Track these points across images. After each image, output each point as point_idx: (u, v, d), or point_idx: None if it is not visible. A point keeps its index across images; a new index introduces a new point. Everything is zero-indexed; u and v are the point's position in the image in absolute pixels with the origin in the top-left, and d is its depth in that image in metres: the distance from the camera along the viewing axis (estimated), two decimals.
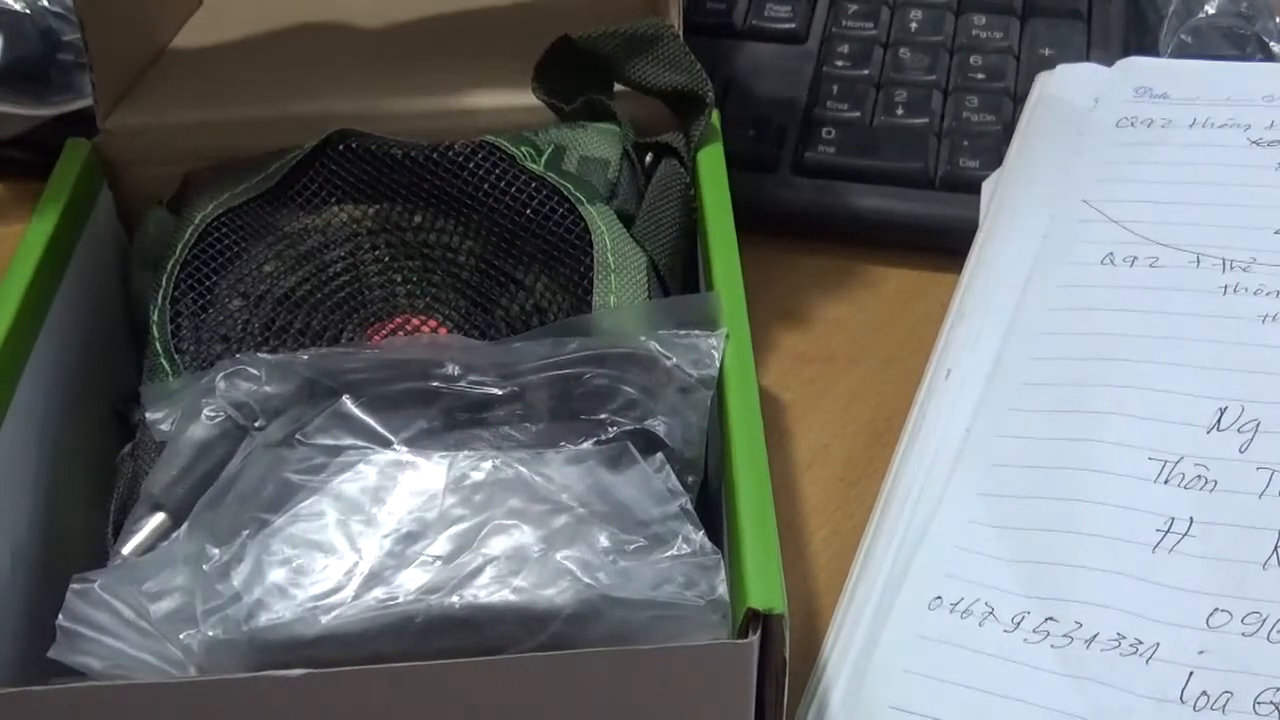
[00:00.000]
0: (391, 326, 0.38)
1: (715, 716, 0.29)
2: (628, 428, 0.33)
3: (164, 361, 0.37)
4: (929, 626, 0.39)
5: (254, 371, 0.33)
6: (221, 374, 0.33)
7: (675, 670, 0.29)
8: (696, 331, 0.35)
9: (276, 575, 0.29)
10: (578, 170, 0.41)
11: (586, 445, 0.32)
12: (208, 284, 0.39)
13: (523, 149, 0.41)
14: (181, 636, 0.29)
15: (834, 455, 0.47)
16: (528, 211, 0.39)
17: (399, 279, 0.39)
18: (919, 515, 0.42)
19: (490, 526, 0.30)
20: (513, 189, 0.40)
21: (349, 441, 0.32)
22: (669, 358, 0.34)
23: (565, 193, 0.40)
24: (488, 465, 0.31)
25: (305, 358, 0.34)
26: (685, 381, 0.34)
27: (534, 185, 0.40)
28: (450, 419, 0.33)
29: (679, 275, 0.41)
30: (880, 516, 0.43)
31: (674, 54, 0.43)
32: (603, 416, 0.33)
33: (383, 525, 0.30)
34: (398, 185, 0.41)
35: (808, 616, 0.42)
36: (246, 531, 0.30)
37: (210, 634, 0.28)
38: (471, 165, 0.40)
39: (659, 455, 0.32)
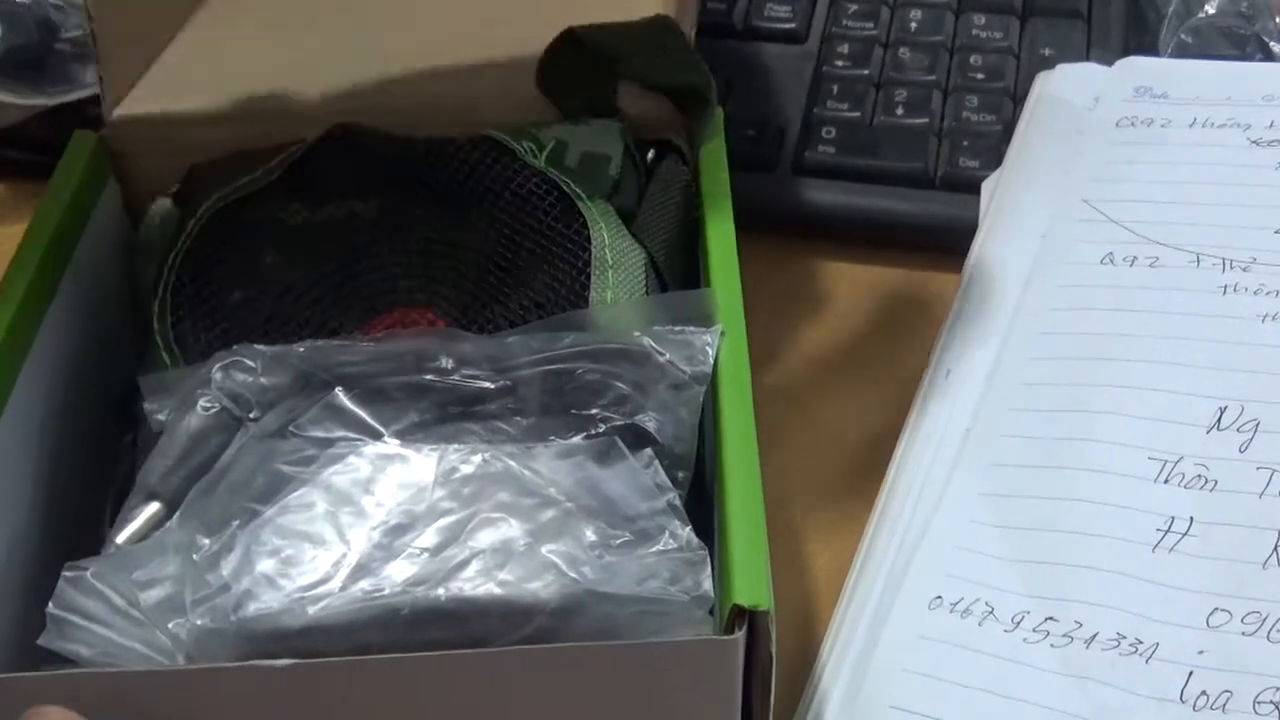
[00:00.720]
0: (390, 320, 0.38)
1: (701, 713, 0.29)
2: (617, 423, 0.33)
3: (163, 354, 0.37)
4: (929, 626, 0.39)
5: (250, 363, 0.34)
6: (218, 365, 0.34)
7: (660, 665, 0.29)
8: (691, 328, 0.35)
9: (265, 566, 0.29)
10: (579, 166, 0.41)
11: (576, 440, 0.32)
12: (209, 276, 0.39)
13: (524, 144, 0.41)
14: (170, 625, 0.29)
15: (834, 455, 0.47)
16: (527, 206, 0.39)
17: (399, 273, 0.39)
18: (919, 515, 0.42)
19: (478, 520, 0.30)
20: (513, 184, 0.40)
21: (340, 434, 0.32)
22: (662, 353, 0.34)
23: (565, 188, 0.40)
24: (477, 459, 0.31)
25: (301, 350, 0.34)
26: (678, 378, 0.34)
27: (534, 180, 0.40)
28: (442, 412, 0.33)
29: (678, 272, 0.41)
30: (880, 516, 0.43)
31: (679, 51, 0.43)
32: (593, 412, 0.33)
33: (371, 517, 0.30)
34: (399, 179, 0.41)
35: (807, 616, 0.42)
36: (236, 522, 0.30)
37: (199, 623, 0.29)
38: (473, 160, 0.40)
39: (648, 451, 0.32)
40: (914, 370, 0.47)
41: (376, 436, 0.32)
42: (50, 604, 0.29)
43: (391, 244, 0.40)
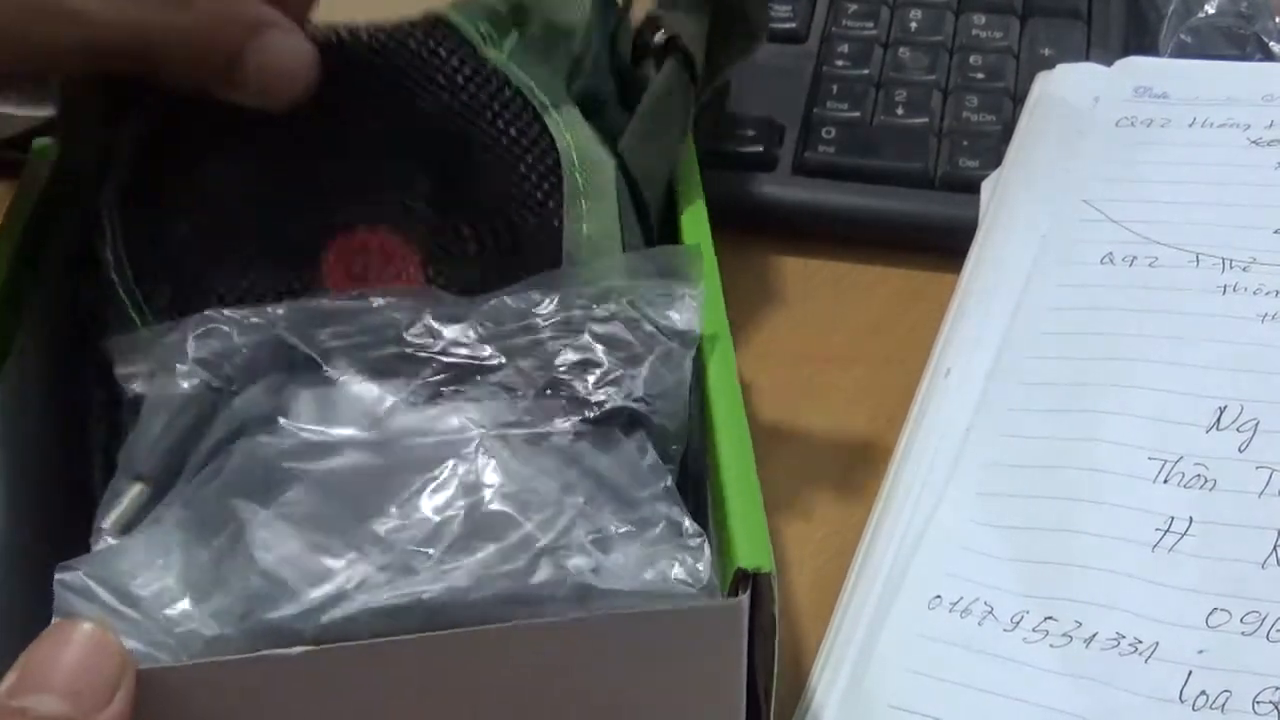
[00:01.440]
0: (350, 245, 0.35)
1: (707, 677, 0.29)
2: (610, 406, 0.32)
3: (133, 314, 0.35)
4: (928, 626, 0.39)
5: (225, 329, 0.32)
6: (192, 333, 0.33)
7: (665, 632, 0.29)
8: (675, 288, 0.34)
9: (269, 568, 0.29)
10: (542, 44, 0.37)
11: (572, 426, 0.32)
12: (159, 205, 0.36)
13: (481, 27, 0.37)
14: (177, 631, 0.29)
15: (834, 455, 0.47)
16: (486, 116, 0.36)
17: (349, 184, 0.36)
18: (919, 515, 0.42)
19: (480, 515, 0.30)
20: (470, 86, 0.36)
21: (337, 431, 0.32)
22: (651, 321, 0.34)
23: (528, 95, 0.36)
24: (479, 458, 0.31)
25: (278, 312, 0.33)
26: (667, 346, 0.33)
27: (494, 85, 0.36)
28: (434, 391, 0.32)
29: (660, 194, 0.39)
30: (880, 516, 0.43)
31: None
32: (587, 394, 0.32)
33: (374, 516, 0.30)
34: (347, 73, 0.36)
35: (807, 615, 0.42)
36: (235, 524, 0.30)
37: (207, 633, 0.28)
38: (425, 51, 0.36)
39: (641, 433, 0.32)
40: (914, 370, 0.47)
41: (373, 426, 0.32)
42: (54, 610, 0.29)
43: (337, 149, 0.36)
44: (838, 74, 0.58)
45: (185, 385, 0.32)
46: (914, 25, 0.60)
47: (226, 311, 0.33)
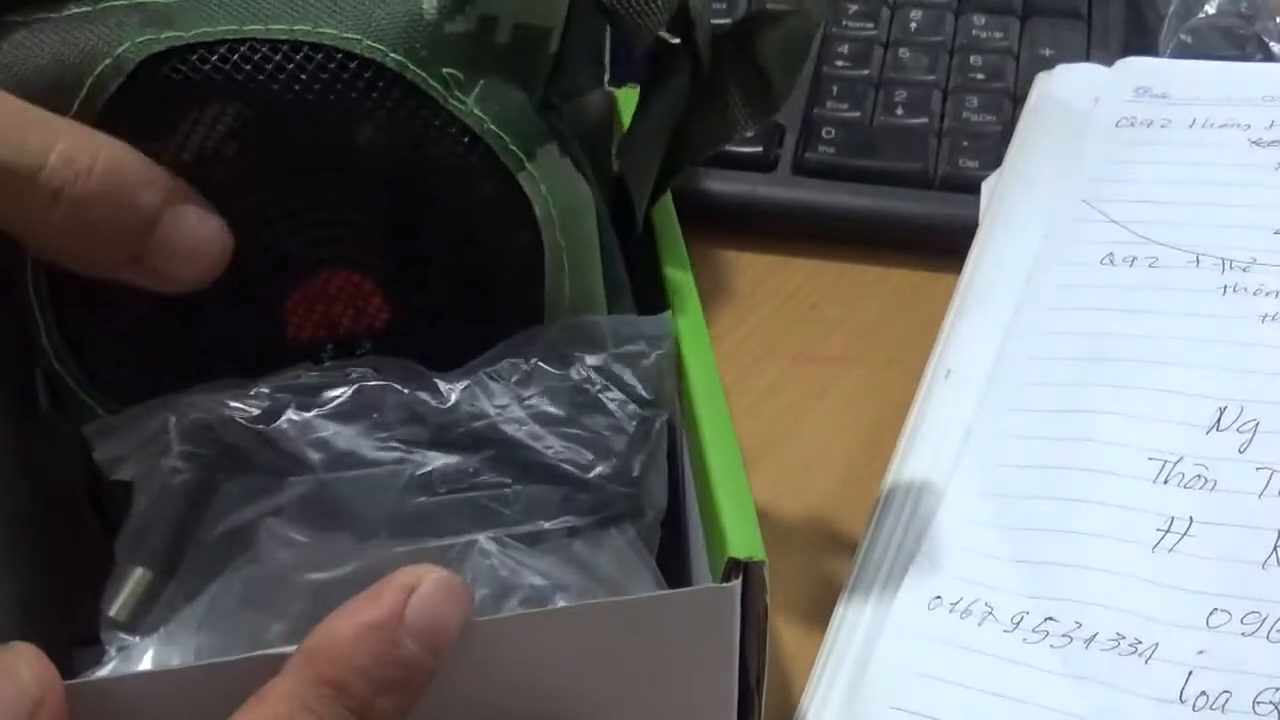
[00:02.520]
0: (316, 290, 0.33)
1: (700, 663, 0.30)
2: (597, 496, 0.32)
3: (85, 398, 0.33)
4: (929, 626, 0.39)
5: (207, 419, 0.31)
6: (174, 420, 0.31)
7: (659, 618, 0.29)
8: (645, 349, 0.33)
9: None
10: (514, 55, 0.33)
11: (565, 525, 0.32)
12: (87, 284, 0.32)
13: (446, 72, 0.31)
14: None
15: (834, 455, 0.47)
16: (454, 180, 0.32)
17: (291, 227, 0.32)
18: (919, 515, 0.42)
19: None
20: (434, 148, 0.32)
21: (335, 539, 0.31)
22: (623, 389, 0.33)
23: (499, 152, 0.32)
24: (478, 560, 0.31)
25: (262, 390, 0.31)
26: (641, 414, 0.33)
27: (460, 149, 0.32)
28: (427, 490, 0.32)
29: (651, 180, 0.38)
30: (880, 516, 0.43)
31: (798, 41, 0.37)
32: (573, 479, 0.32)
33: None
34: (257, 98, 0.31)
35: (807, 616, 0.42)
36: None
37: None
38: (382, 113, 0.31)
39: (630, 529, 0.32)
40: (914, 370, 0.47)
41: (370, 530, 0.31)
42: None
43: (277, 191, 0.32)
44: (838, 74, 0.59)
45: (176, 478, 0.31)
46: (914, 25, 0.60)
47: (204, 393, 0.32)
